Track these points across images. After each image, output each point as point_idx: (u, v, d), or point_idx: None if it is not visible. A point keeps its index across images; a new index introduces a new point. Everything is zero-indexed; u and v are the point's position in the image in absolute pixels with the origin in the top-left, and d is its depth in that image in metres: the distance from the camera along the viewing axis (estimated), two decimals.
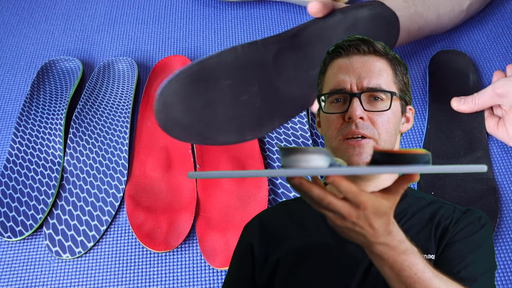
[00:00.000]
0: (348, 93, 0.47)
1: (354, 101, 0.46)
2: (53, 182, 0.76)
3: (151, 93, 0.88)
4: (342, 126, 0.47)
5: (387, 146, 0.47)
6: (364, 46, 0.49)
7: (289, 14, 1.01)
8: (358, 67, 0.48)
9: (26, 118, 0.83)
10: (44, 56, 0.97)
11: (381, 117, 0.47)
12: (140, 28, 1.01)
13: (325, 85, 0.51)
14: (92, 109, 0.85)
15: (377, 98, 0.47)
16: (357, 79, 0.48)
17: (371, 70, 0.48)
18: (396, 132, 0.49)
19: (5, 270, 0.70)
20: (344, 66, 0.49)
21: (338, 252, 0.46)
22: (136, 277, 0.69)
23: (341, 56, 0.50)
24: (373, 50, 0.49)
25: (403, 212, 0.49)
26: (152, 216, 0.72)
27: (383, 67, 0.49)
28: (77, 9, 1.06)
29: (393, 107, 0.48)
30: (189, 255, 0.71)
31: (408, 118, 0.51)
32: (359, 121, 0.46)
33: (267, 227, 0.51)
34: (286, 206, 0.54)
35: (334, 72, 0.50)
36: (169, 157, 0.79)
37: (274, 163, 0.78)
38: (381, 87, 0.47)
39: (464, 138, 0.78)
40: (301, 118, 0.81)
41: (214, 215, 0.72)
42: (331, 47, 0.51)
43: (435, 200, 0.51)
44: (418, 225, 0.48)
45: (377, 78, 0.48)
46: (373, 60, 0.49)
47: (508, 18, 0.97)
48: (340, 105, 0.48)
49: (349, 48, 0.49)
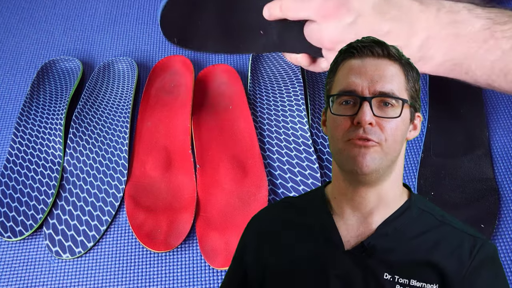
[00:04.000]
0: (358, 96, 0.46)
1: (364, 105, 0.45)
2: (53, 182, 0.76)
3: (151, 93, 0.88)
4: (350, 129, 0.45)
5: (392, 154, 0.46)
6: (378, 48, 0.47)
7: None
8: (371, 70, 0.47)
9: (26, 118, 0.83)
10: (44, 56, 0.97)
11: (390, 123, 0.45)
12: (140, 28, 1.01)
13: (335, 85, 0.49)
14: (92, 109, 0.85)
15: (387, 104, 0.46)
16: (369, 82, 0.46)
17: (384, 75, 0.46)
18: (403, 140, 0.47)
19: (5, 270, 0.70)
20: (357, 68, 0.47)
21: (330, 262, 0.45)
22: (136, 277, 0.69)
23: (353, 57, 0.48)
24: (387, 54, 0.47)
25: (403, 228, 0.46)
26: (152, 216, 0.72)
27: (396, 72, 0.47)
28: (77, 9, 1.06)
29: (403, 114, 0.46)
30: (189, 255, 0.71)
31: (415, 126, 0.50)
32: (368, 126, 0.44)
33: (264, 228, 0.51)
34: (286, 204, 0.54)
35: (345, 72, 0.48)
36: (169, 157, 0.79)
37: (274, 163, 0.78)
38: (393, 93, 0.46)
39: (465, 137, 0.78)
40: (301, 118, 0.81)
41: (214, 215, 0.72)
42: (344, 46, 0.50)
43: (444, 220, 0.48)
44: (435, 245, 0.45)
45: (389, 83, 0.46)
46: (386, 64, 0.47)
47: None
48: (349, 107, 0.46)
49: (363, 50, 0.47)
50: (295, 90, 0.85)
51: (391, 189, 0.48)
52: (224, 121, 0.83)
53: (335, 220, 0.47)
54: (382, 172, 0.46)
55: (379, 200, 0.47)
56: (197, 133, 0.81)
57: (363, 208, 0.47)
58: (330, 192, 0.50)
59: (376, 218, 0.46)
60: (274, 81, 0.89)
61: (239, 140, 0.80)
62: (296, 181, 0.75)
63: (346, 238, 0.46)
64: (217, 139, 0.81)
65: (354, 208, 0.47)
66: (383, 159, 0.44)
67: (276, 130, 0.81)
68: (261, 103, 0.86)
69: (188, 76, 0.89)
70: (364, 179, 0.46)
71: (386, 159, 0.45)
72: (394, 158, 0.46)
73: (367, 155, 0.44)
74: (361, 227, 0.46)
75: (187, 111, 0.83)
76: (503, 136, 0.80)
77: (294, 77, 0.88)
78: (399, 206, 0.47)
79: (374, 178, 0.45)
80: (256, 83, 0.89)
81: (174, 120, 0.83)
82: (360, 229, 0.46)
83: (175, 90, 0.88)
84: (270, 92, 0.87)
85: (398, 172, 0.48)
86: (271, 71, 0.91)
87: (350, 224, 0.47)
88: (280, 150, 0.79)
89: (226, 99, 0.87)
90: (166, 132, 0.82)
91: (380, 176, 0.46)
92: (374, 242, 0.45)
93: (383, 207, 0.47)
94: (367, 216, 0.47)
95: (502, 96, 0.84)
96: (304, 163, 0.76)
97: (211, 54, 0.95)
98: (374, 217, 0.46)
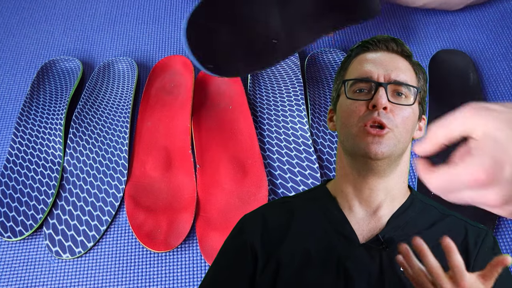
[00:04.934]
0: (374, 81, 0.47)
1: (380, 90, 0.46)
2: (53, 182, 0.76)
3: (151, 93, 0.88)
4: (365, 114, 0.46)
5: (403, 141, 0.47)
6: (393, 44, 0.50)
7: None
8: (385, 61, 0.48)
9: (26, 118, 0.83)
10: (44, 56, 0.97)
11: (402, 111, 0.47)
12: (140, 28, 1.01)
13: (348, 75, 0.50)
14: (92, 109, 0.85)
15: (400, 94, 0.47)
16: (385, 71, 0.48)
17: (398, 67, 0.48)
18: (411, 133, 0.48)
19: (5, 270, 0.70)
20: (372, 59, 0.49)
21: (345, 256, 0.46)
22: (136, 277, 0.69)
23: (368, 51, 0.50)
24: (401, 51, 0.50)
25: (412, 221, 0.48)
26: (152, 216, 0.72)
27: (408, 68, 0.49)
28: (77, 9, 1.06)
29: (414, 106, 0.48)
30: (189, 255, 0.71)
31: (420, 127, 0.51)
32: (382, 111, 0.46)
33: (269, 226, 0.50)
34: (287, 203, 0.53)
35: (360, 63, 0.50)
36: (169, 157, 0.79)
37: (274, 163, 0.78)
38: (407, 82, 0.48)
39: None
40: (301, 118, 0.81)
41: (214, 215, 0.72)
42: (355, 44, 0.52)
43: (445, 211, 0.50)
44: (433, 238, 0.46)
45: (404, 74, 0.48)
46: (400, 59, 0.49)
47: (508, 18, 0.97)
48: (364, 94, 0.48)
49: (378, 44, 0.50)
50: (295, 90, 0.85)
51: (398, 183, 0.48)
52: (224, 121, 0.83)
53: (345, 214, 0.48)
54: (393, 160, 0.46)
55: (387, 194, 0.48)
56: (197, 133, 0.81)
57: (372, 202, 0.48)
58: (333, 189, 0.51)
59: (385, 212, 0.47)
60: (274, 81, 0.89)
61: (239, 140, 0.80)
62: (296, 181, 0.75)
63: (358, 231, 0.47)
64: (217, 139, 0.81)
65: (363, 202, 0.48)
66: (396, 145, 0.46)
67: (276, 130, 0.81)
68: (261, 103, 0.86)
69: (188, 76, 0.89)
70: (376, 166, 0.46)
71: (398, 146, 0.46)
72: (404, 148, 0.47)
73: (382, 142, 0.45)
74: (372, 220, 0.47)
75: (187, 111, 0.83)
76: None
77: (294, 77, 0.88)
78: (404, 200, 0.49)
79: (386, 165, 0.46)
80: (256, 83, 0.89)
81: (174, 120, 0.83)
82: (371, 222, 0.47)
83: (175, 90, 0.88)
84: (270, 92, 0.87)
85: (404, 167, 0.49)
86: (271, 71, 0.91)
87: (360, 218, 0.48)
88: (280, 150, 0.79)
89: (226, 99, 0.87)
90: (166, 132, 0.82)
91: (391, 164, 0.47)
92: (390, 235, 0.46)
93: (390, 201, 0.48)
94: (375, 209, 0.47)
95: (502, 91, 0.84)
96: (304, 163, 0.76)
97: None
98: (383, 211, 0.47)
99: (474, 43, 0.92)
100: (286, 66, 0.91)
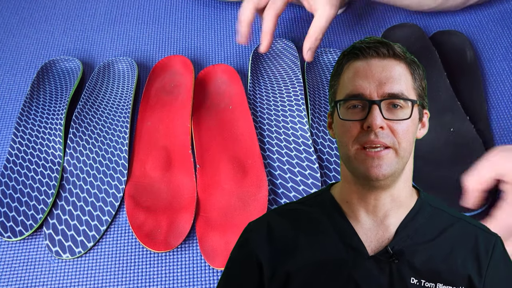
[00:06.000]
0: (367, 100, 0.44)
1: (374, 109, 0.43)
2: (53, 182, 0.76)
3: (151, 93, 0.88)
4: (360, 135, 0.44)
5: (406, 156, 0.45)
6: (383, 49, 0.46)
7: (289, 13, 1.01)
8: (377, 72, 0.45)
9: (26, 118, 0.83)
10: (44, 56, 0.97)
11: (400, 125, 0.44)
12: (140, 28, 1.01)
13: (340, 89, 0.48)
14: (92, 109, 0.85)
15: (396, 105, 0.45)
16: (377, 85, 0.45)
17: (391, 76, 0.45)
18: (413, 140, 0.47)
19: (5, 270, 0.70)
20: (363, 70, 0.46)
21: (354, 269, 0.44)
22: (136, 277, 0.69)
23: (358, 59, 0.47)
24: (393, 54, 0.46)
25: (421, 228, 0.46)
26: (152, 216, 0.72)
27: (402, 71, 0.46)
28: (77, 9, 1.06)
29: (412, 115, 0.45)
30: (189, 255, 0.71)
31: (424, 124, 0.49)
32: (379, 130, 0.43)
33: (276, 235, 0.48)
34: (293, 211, 0.51)
35: (351, 75, 0.47)
36: (169, 157, 0.79)
37: (274, 163, 0.78)
38: (402, 94, 0.45)
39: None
40: (301, 118, 0.81)
41: (214, 215, 0.72)
42: (348, 48, 0.48)
43: (455, 215, 0.48)
44: (455, 244, 0.46)
45: (397, 83, 0.45)
46: (393, 64, 0.46)
47: (508, 18, 0.97)
48: (357, 111, 0.45)
49: (367, 51, 0.46)
50: (295, 90, 0.85)
51: (403, 189, 0.47)
52: (224, 121, 0.83)
53: (352, 224, 0.47)
54: (397, 175, 0.45)
55: (393, 202, 0.46)
56: (197, 133, 0.81)
57: (378, 211, 0.46)
58: (339, 195, 0.49)
59: (392, 220, 0.46)
60: (274, 81, 0.89)
61: (239, 140, 0.80)
62: (296, 181, 0.75)
63: (367, 243, 0.45)
64: (217, 139, 0.81)
65: (369, 212, 0.47)
66: (399, 163, 0.44)
67: (276, 130, 0.81)
68: (261, 103, 0.86)
69: (188, 76, 0.89)
70: (379, 184, 0.45)
71: (402, 162, 0.45)
72: (407, 159, 0.46)
73: (382, 165, 0.43)
74: (380, 230, 0.46)
75: (187, 111, 0.83)
76: (502, 108, 0.80)
77: (294, 77, 0.88)
78: (411, 206, 0.47)
79: (390, 182, 0.45)
80: (256, 83, 0.89)
81: (174, 120, 0.83)
82: (379, 232, 0.46)
83: (175, 90, 0.88)
84: (270, 92, 0.87)
85: (408, 172, 0.48)
86: (271, 71, 0.91)
87: (367, 228, 0.46)
88: (280, 150, 0.79)
89: (226, 99, 0.87)
90: (166, 132, 0.82)
91: (395, 179, 0.45)
92: (400, 247, 0.45)
93: (397, 208, 0.47)
94: (383, 219, 0.46)
95: (503, 91, 0.84)
96: (304, 163, 0.76)
97: (211, 53, 0.95)
98: (390, 219, 0.46)
99: (474, 43, 0.92)
100: (286, 66, 0.91)
